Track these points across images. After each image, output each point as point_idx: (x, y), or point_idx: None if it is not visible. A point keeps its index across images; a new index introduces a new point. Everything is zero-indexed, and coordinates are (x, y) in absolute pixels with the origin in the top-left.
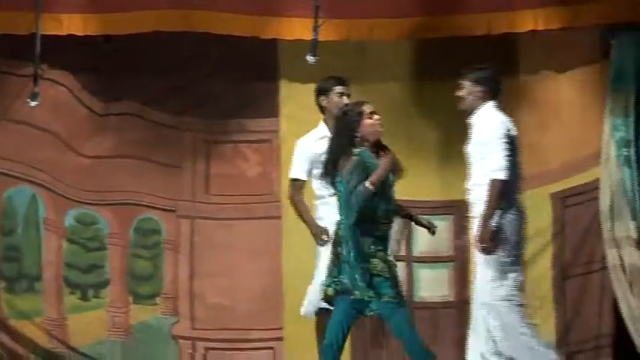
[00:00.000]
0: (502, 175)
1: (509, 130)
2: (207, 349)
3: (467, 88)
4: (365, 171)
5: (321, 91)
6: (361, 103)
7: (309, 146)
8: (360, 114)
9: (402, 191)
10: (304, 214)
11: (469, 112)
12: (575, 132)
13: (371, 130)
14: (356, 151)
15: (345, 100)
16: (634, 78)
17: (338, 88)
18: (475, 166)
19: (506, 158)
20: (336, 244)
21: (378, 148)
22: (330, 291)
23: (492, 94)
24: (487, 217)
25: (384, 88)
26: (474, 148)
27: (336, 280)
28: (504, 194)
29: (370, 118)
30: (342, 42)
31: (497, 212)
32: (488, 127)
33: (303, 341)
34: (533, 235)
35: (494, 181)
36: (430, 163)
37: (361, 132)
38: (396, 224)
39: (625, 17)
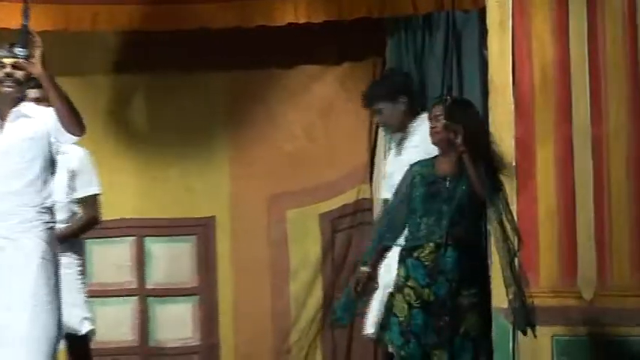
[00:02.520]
0: None
1: None
2: None
3: None
4: (410, 187)
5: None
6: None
7: None
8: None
9: (122, 209)
10: None
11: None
12: (346, 140)
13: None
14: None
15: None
16: (415, 81)
17: (32, 92)
18: None
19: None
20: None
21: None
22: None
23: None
24: None
25: (106, 81)
26: None
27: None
28: None
29: (434, 122)
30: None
31: None
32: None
33: None
34: (299, 267)
35: None
36: (164, 172)
37: None
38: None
39: (400, 11)
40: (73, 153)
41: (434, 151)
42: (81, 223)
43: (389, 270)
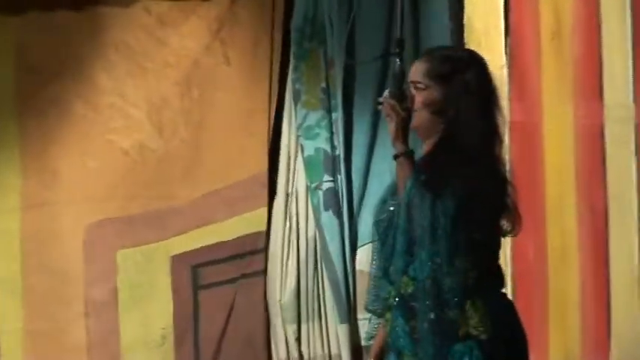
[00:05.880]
0: None
1: None
2: None
3: None
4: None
5: None
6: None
7: None
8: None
9: None
10: None
11: None
12: (225, 128)
13: None
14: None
15: None
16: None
17: None
18: None
19: None
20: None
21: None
22: None
23: None
24: None
25: None
26: None
27: None
28: None
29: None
30: None
31: None
32: None
33: None
34: (136, 345)
35: None
36: None
37: None
38: None
39: None
40: None
41: None
42: None
43: None
